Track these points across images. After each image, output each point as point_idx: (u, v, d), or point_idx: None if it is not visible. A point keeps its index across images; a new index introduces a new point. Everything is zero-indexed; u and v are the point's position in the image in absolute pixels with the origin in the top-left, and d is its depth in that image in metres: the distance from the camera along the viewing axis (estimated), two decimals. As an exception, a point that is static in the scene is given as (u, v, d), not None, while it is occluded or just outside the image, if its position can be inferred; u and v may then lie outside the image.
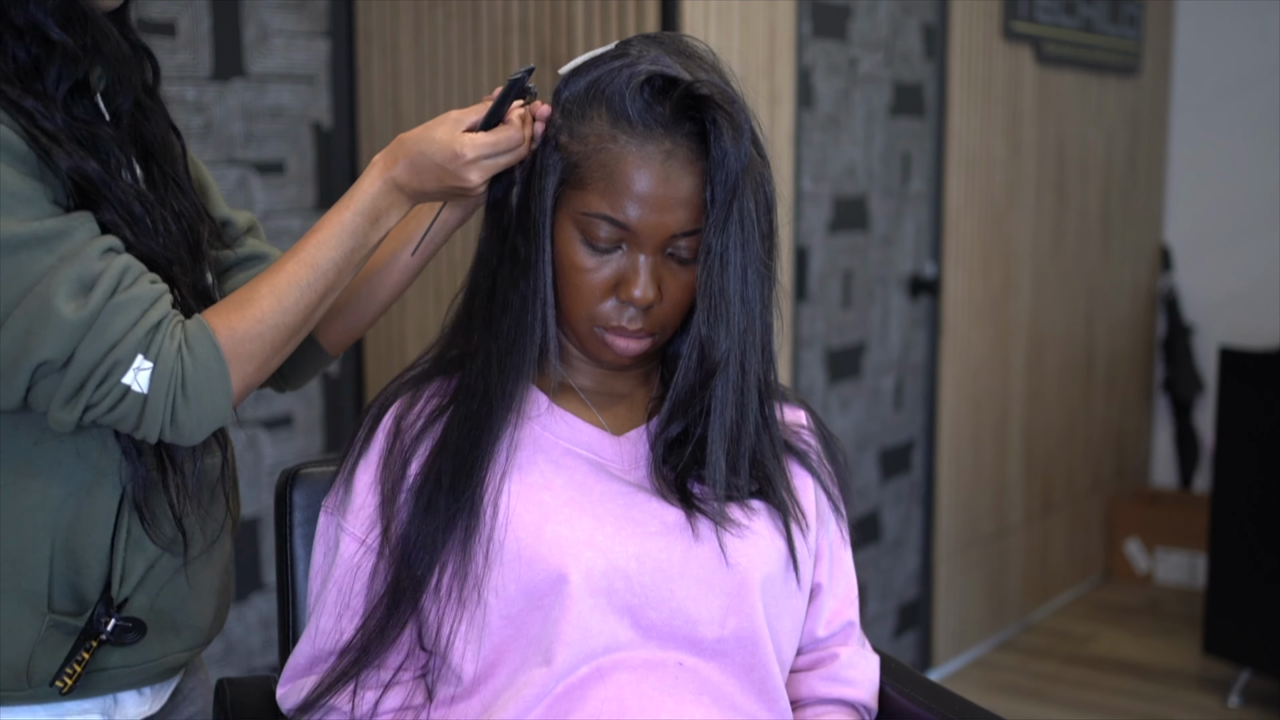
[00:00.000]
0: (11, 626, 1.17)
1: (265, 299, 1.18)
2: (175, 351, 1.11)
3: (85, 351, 1.08)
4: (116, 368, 1.09)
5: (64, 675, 1.18)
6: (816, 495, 1.26)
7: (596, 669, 1.12)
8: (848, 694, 1.27)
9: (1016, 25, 3.55)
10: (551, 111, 1.17)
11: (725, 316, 1.14)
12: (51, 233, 1.08)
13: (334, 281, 1.21)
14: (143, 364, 1.10)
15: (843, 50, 2.97)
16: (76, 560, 1.20)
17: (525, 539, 1.13)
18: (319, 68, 2.68)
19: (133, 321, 1.09)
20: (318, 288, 1.20)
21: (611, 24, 2.42)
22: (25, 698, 1.20)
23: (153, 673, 1.28)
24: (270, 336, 1.18)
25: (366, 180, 1.22)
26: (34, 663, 1.19)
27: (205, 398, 1.13)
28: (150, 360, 1.10)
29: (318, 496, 1.33)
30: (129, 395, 1.10)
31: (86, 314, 1.07)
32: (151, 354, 1.10)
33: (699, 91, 1.10)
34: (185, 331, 1.13)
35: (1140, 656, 3.71)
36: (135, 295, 1.10)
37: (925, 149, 3.30)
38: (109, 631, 1.20)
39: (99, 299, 1.08)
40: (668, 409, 1.19)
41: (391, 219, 1.23)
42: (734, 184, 1.11)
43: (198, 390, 1.12)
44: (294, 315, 1.19)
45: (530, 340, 1.17)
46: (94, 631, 1.20)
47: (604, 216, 1.12)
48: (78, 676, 1.19)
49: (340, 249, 1.21)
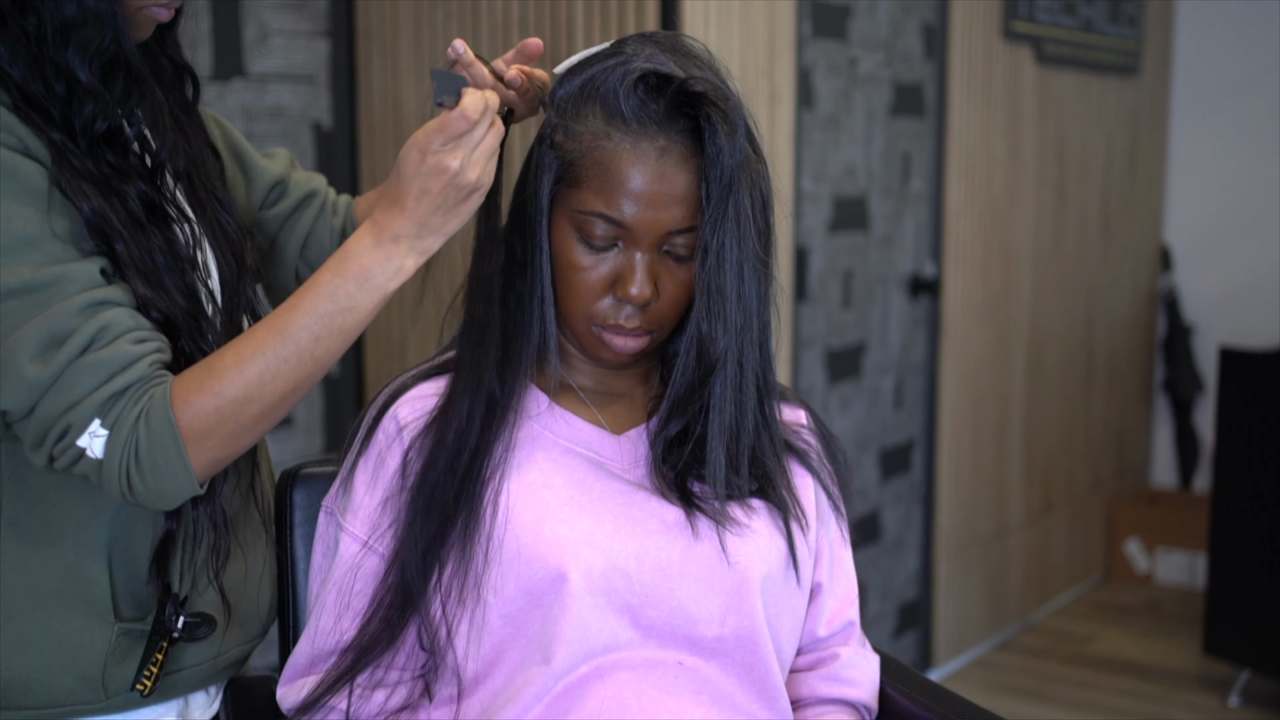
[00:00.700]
0: (82, 640, 1.18)
1: (228, 369, 1.10)
2: (133, 421, 1.08)
3: (44, 408, 1.07)
4: (71, 429, 1.07)
5: (143, 678, 1.19)
6: (816, 494, 1.26)
7: (596, 668, 1.12)
8: (848, 694, 1.27)
9: (1016, 25, 3.55)
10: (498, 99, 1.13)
11: (723, 313, 1.14)
12: (42, 283, 1.07)
13: (310, 350, 1.11)
14: (98, 430, 1.07)
15: (843, 50, 2.97)
16: (135, 567, 1.21)
17: (525, 537, 1.13)
18: (319, 68, 2.68)
19: (97, 384, 1.07)
20: (288, 357, 1.10)
21: (611, 24, 2.42)
22: (102, 708, 1.21)
23: (220, 668, 1.29)
24: (231, 411, 1.10)
25: (352, 239, 1.13)
26: (108, 672, 1.20)
27: (161, 472, 1.09)
28: (106, 428, 1.07)
29: (318, 497, 1.33)
30: (84, 457, 1.08)
31: (48, 374, 1.06)
32: (109, 421, 1.07)
33: (693, 88, 1.10)
34: (150, 401, 1.09)
35: (1140, 656, 3.71)
36: (105, 357, 1.07)
37: (925, 149, 3.30)
38: (180, 629, 1.20)
39: (64, 358, 1.06)
40: (667, 407, 1.19)
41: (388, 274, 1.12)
42: (729, 180, 1.11)
43: (153, 465, 1.08)
44: (260, 387, 1.10)
45: (529, 339, 1.17)
46: (165, 631, 1.20)
47: (600, 214, 1.12)
48: (156, 678, 1.19)
49: (314, 314, 1.11)
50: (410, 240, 1.12)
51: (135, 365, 1.09)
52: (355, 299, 1.12)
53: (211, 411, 1.09)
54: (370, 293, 1.12)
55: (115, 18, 1.13)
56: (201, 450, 1.10)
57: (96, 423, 1.07)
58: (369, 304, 1.13)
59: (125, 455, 1.08)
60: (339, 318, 1.12)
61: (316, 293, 1.12)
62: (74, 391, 1.07)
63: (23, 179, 1.09)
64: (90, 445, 1.07)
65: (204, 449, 1.10)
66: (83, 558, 1.18)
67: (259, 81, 2.56)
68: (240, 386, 1.10)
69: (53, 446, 1.09)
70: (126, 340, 1.09)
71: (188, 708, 1.29)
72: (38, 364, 1.06)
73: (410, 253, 1.13)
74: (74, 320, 1.07)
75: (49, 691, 1.18)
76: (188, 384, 1.10)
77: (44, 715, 1.19)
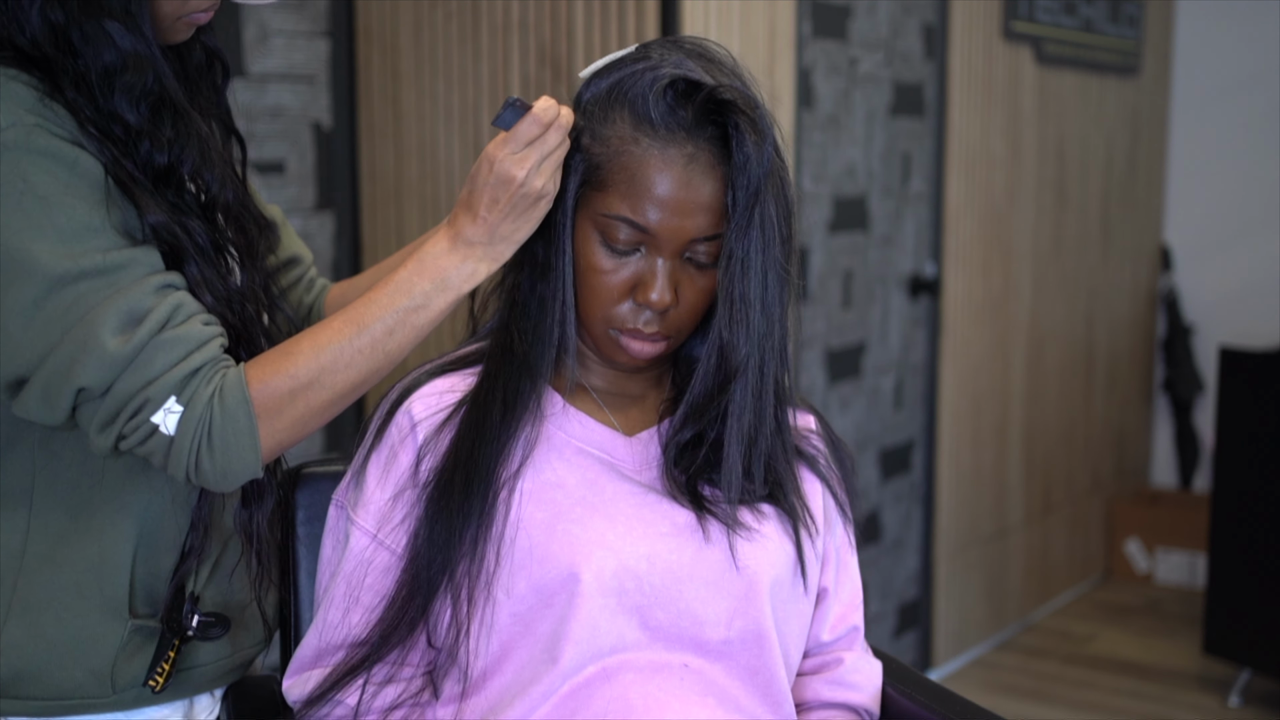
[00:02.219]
0: (95, 635, 1.20)
1: (304, 354, 1.13)
2: (208, 399, 1.10)
3: (122, 383, 1.08)
4: (148, 405, 1.09)
5: (155, 675, 1.20)
6: (824, 500, 1.27)
7: (603, 669, 1.12)
8: (851, 698, 1.28)
9: (1016, 25, 3.55)
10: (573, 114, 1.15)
11: (746, 321, 1.14)
12: (112, 265, 1.09)
13: (382, 343, 1.14)
14: (174, 406, 1.09)
15: (843, 50, 2.97)
16: (156, 565, 1.22)
17: (537, 537, 1.13)
18: (319, 68, 2.68)
19: (174, 361, 1.09)
20: (363, 348, 1.14)
21: (611, 24, 2.42)
22: (110, 704, 1.22)
23: (225, 670, 1.30)
24: (304, 394, 1.13)
25: (431, 239, 1.18)
26: (117, 668, 1.21)
27: (231, 450, 1.11)
28: (182, 404, 1.09)
29: (320, 496, 1.33)
30: (156, 434, 1.10)
31: (130, 348, 1.08)
32: (184, 397, 1.09)
33: (722, 96, 1.10)
34: (224, 380, 1.11)
35: (1140, 656, 3.71)
36: (182, 335, 1.10)
37: (925, 149, 3.30)
38: (194, 628, 1.22)
39: (145, 334, 1.08)
40: (683, 412, 1.19)
41: (461, 279, 1.15)
42: (756, 189, 1.11)
43: (224, 442, 1.11)
44: (333, 374, 1.13)
45: (549, 342, 1.17)
46: (180, 629, 1.21)
47: (624, 219, 1.12)
48: (168, 675, 1.21)
49: (391, 308, 1.14)
50: (484, 247, 1.15)
51: (208, 345, 1.12)
52: (430, 298, 1.15)
53: (285, 392, 1.12)
54: (444, 293, 1.15)
55: (155, 59, 1.15)
56: (271, 430, 1.12)
57: (173, 399, 1.09)
58: (442, 304, 1.16)
59: (198, 432, 1.10)
60: (413, 315, 1.15)
61: (395, 289, 1.15)
62: (153, 367, 1.09)
63: (82, 171, 1.11)
64: (164, 422, 1.09)
65: (273, 429, 1.12)
66: (106, 554, 1.20)
67: (259, 81, 2.56)
68: (314, 371, 1.13)
69: (124, 424, 1.10)
70: (198, 320, 1.12)
71: (192, 709, 1.29)
72: (119, 339, 1.08)
73: (484, 259, 1.16)
74: (150, 299, 1.10)
75: (58, 684, 1.20)
76: (264, 364, 1.13)
77: (51, 707, 1.20)
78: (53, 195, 1.09)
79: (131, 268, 1.10)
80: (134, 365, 1.08)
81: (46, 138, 1.09)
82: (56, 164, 1.09)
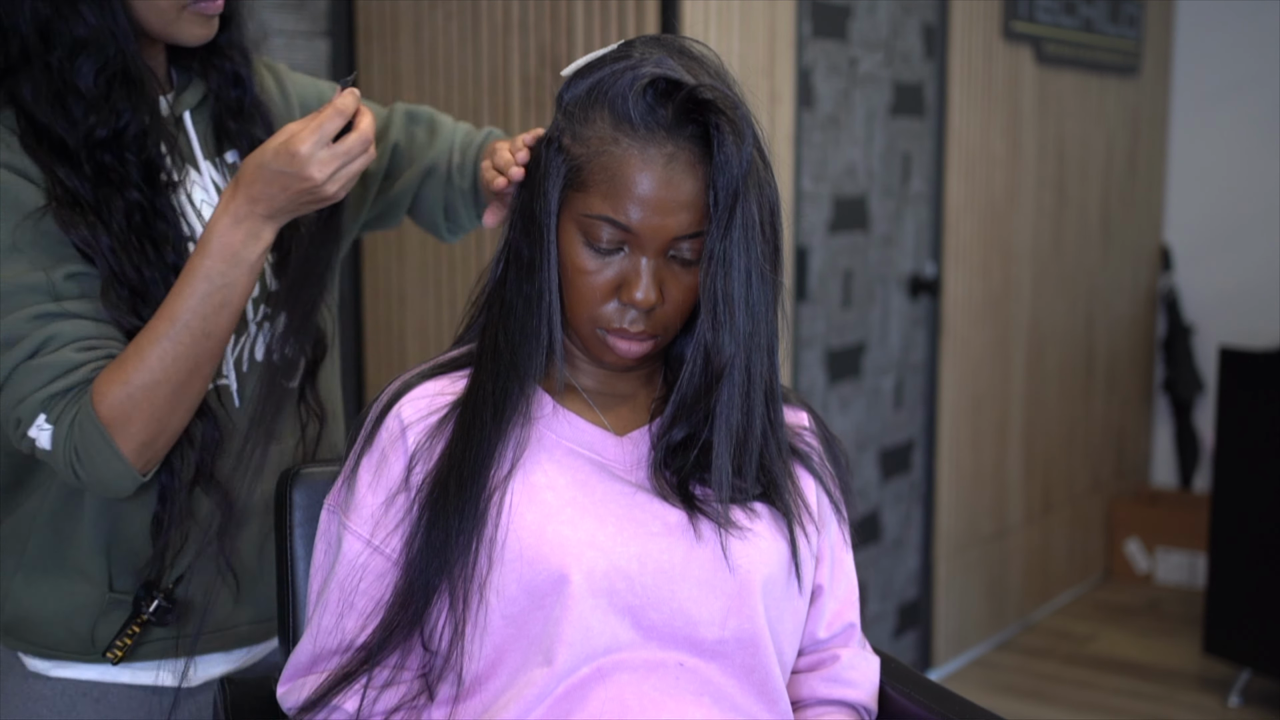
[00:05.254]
0: (79, 602, 1.35)
1: (130, 359, 1.22)
2: (71, 419, 1.21)
3: (3, 400, 1.22)
4: (22, 422, 1.22)
5: (115, 648, 1.33)
6: (818, 497, 1.26)
7: (597, 669, 1.11)
8: (848, 695, 1.27)
9: (1016, 25, 3.55)
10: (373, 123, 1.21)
11: (730, 321, 1.14)
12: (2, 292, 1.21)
13: (200, 327, 1.22)
14: (44, 424, 1.21)
15: (843, 50, 2.97)
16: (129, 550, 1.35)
17: (527, 538, 1.12)
18: (319, 68, 2.68)
19: (39, 385, 1.20)
20: (181, 338, 1.22)
21: (611, 24, 2.42)
22: (93, 659, 1.37)
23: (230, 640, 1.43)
24: (143, 396, 1.21)
25: (212, 219, 1.24)
26: (97, 631, 1.36)
27: (98, 462, 1.22)
28: (50, 423, 1.21)
29: (317, 496, 1.32)
30: (36, 448, 1.23)
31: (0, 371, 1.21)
32: (52, 417, 1.21)
33: (702, 95, 1.10)
34: (83, 399, 1.21)
35: (1140, 656, 3.71)
36: (49, 362, 1.20)
37: (925, 149, 3.30)
38: (150, 612, 1.33)
39: (15, 358, 1.20)
40: (671, 412, 1.19)
41: (252, 249, 1.23)
42: (736, 188, 1.10)
43: (89, 456, 1.22)
44: (162, 370, 1.21)
45: (537, 344, 1.17)
46: (138, 612, 1.34)
47: (606, 219, 1.12)
48: (127, 649, 1.34)
49: (195, 295, 1.22)
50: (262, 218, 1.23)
51: (77, 370, 1.21)
52: (228, 276, 1.23)
53: (124, 399, 1.21)
54: (239, 266, 1.23)
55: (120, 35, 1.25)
56: (127, 435, 1.21)
57: (42, 417, 1.21)
58: (242, 277, 1.24)
59: (67, 449, 1.21)
60: (218, 295, 1.23)
61: (194, 276, 1.23)
62: (20, 389, 1.21)
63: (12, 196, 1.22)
64: (39, 437, 1.22)
65: (129, 434, 1.21)
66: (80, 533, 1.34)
67: (259, 81, 2.56)
68: (144, 372, 1.21)
69: (12, 434, 1.24)
70: (71, 349, 1.21)
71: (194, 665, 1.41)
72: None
73: (266, 224, 1.24)
74: (24, 328, 1.21)
75: (47, 635, 1.36)
76: (101, 379, 1.22)
77: (43, 652, 1.37)
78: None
79: (23, 295, 1.21)
80: (8, 385, 1.21)
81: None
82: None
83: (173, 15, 1.28)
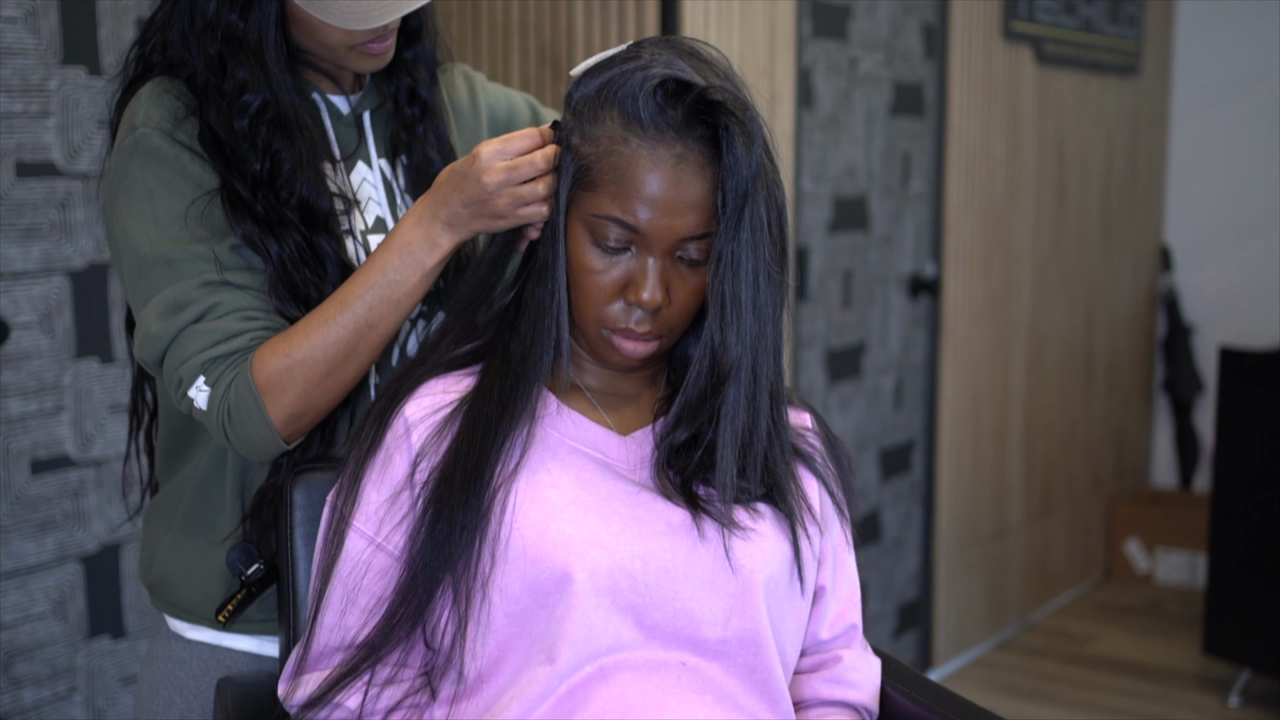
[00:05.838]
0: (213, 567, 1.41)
1: (297, 335, 1.26)
2: (229, 383, 1.26)
3: (168, 361, 1.28)
4: (183, 382, 1.27)
5: (225, 609, 1.38)
6: (821, 498, 1.26)
7: (600, 669, 1.12)
8: (850, 696, 1.28)
9: (1016, 25, 3.55)
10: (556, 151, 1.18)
11: (737, 322, 1.14)
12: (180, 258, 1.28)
13: (366, 317, 1.25)
14: (203, 385, 1.27)
15: (843, 50, 2.97)
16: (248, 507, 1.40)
17: (531, 537, 1.13)
18: (319, 68, 2.68)
19: (202, 348, 1.26)
20: (347, 324, 1.25)
21: (611, 24, 2.42)
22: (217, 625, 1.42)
23: None
24: (300, 371, 1.25)
25: (403, 218, 1.27)
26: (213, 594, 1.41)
27: (247, 425, 1.26)
28: (209, 385, 1.27)
29: (317, 496, 1.33)
30: (193, 408, 1.28)
31: (168, 332, 1.26)
32: (211, 379, 1.27)
33: (712, 97, 1.10)
34: (243, 365, 1.26)
35: (1140, 656, 3.71)
36: (213, 328, 1.26)
37: (925, 149, 3.30)
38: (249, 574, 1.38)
39: (182, 321, 1.26)
40: (675, 413, 1.19)
41: (427, 255, 1.24)
42: (745, 190, 1.11)
43: (240, 419, 1.26)
44: (323, 350, 1.25)
45: (547, 343, 1.17)
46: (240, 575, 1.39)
47: (614, 218, 1.12)
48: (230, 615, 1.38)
49: (368, 285, 1.25)
50: (444, 224, 1.24)
51: (237, 338, 1.27)
52: (400, 272, 1.25)
53: (282, 370, 1.25)
54: (412, 267, 1.25)
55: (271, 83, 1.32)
56: (278, 405, 1.26)
57: (201, 379, 1.26)
58: (412, 278, 1.25)
59: (221, 410, 1.27)
60: (387, 289, 1.26)
61: (372, 268, 1.26)
62: (185, 351, 1.26)
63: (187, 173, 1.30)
64: (197, 398, 1.27)
65: (280, 404, 1.26)
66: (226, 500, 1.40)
67: (259, 81, 2.55)
68: (306, 349, 1.25)
69: (174, 393, 1.29)
70: (233, 318, 1.27)
71: None
72: (161, 323, 1.27)
73: (445, 233, 1.25)
74: (193, 293, 1.27)
75: (184, 597, 1.43)
76: (265, 348, 1.27)
77: (181, 614, 1.44)
78: (156, 188, 1.29)
79: (193, 262, 1.28)
80: (174, 346, 1.27)
81: (168, 142, 1.29)
82: (166, 163, 1.29)
83: (342, 53, 1.35)
